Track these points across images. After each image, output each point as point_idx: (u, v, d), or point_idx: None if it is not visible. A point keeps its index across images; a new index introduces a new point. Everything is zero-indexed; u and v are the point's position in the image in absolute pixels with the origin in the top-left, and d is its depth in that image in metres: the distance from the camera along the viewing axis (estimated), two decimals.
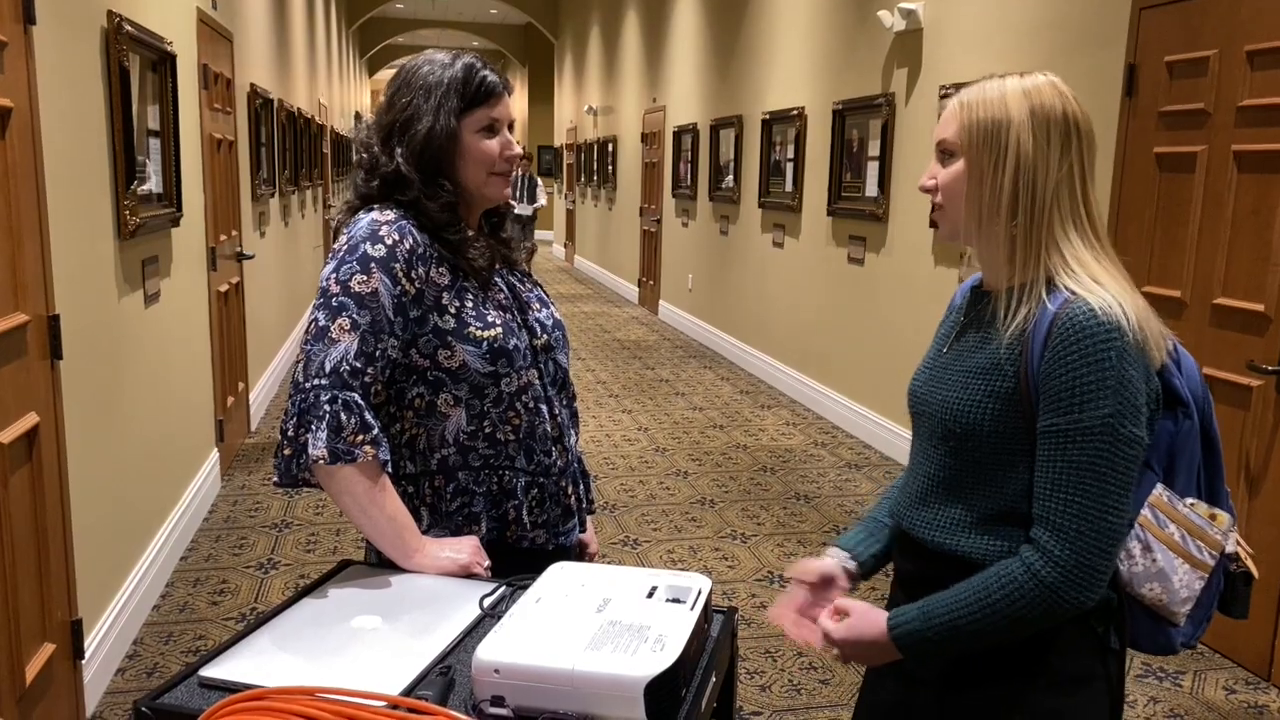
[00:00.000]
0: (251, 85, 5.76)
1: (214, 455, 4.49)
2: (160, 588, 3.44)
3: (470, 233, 1.57)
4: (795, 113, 6.52)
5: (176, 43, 3.80)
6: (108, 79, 2.99)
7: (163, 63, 3.60)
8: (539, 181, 11.60)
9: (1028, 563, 1.20)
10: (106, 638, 2.83)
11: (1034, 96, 1.24)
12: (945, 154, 1.29)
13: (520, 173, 11.08)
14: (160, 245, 3.61)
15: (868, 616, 1.30)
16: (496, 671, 1.05)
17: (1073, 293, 1.20)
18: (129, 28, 3.08)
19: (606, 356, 8.06)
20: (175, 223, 3.73)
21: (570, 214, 16.01)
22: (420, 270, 1.49)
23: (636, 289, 11.36)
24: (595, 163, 13.73)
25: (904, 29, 5.03)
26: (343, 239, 1.50)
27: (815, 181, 6.30)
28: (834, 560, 1.46)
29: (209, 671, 1.13)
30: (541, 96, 19.52)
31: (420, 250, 1.49)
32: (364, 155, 1.56)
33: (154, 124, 3.53)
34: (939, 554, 1.31)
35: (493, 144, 1.55)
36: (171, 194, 3.69)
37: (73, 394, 2.60)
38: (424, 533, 1.53)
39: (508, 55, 21.03)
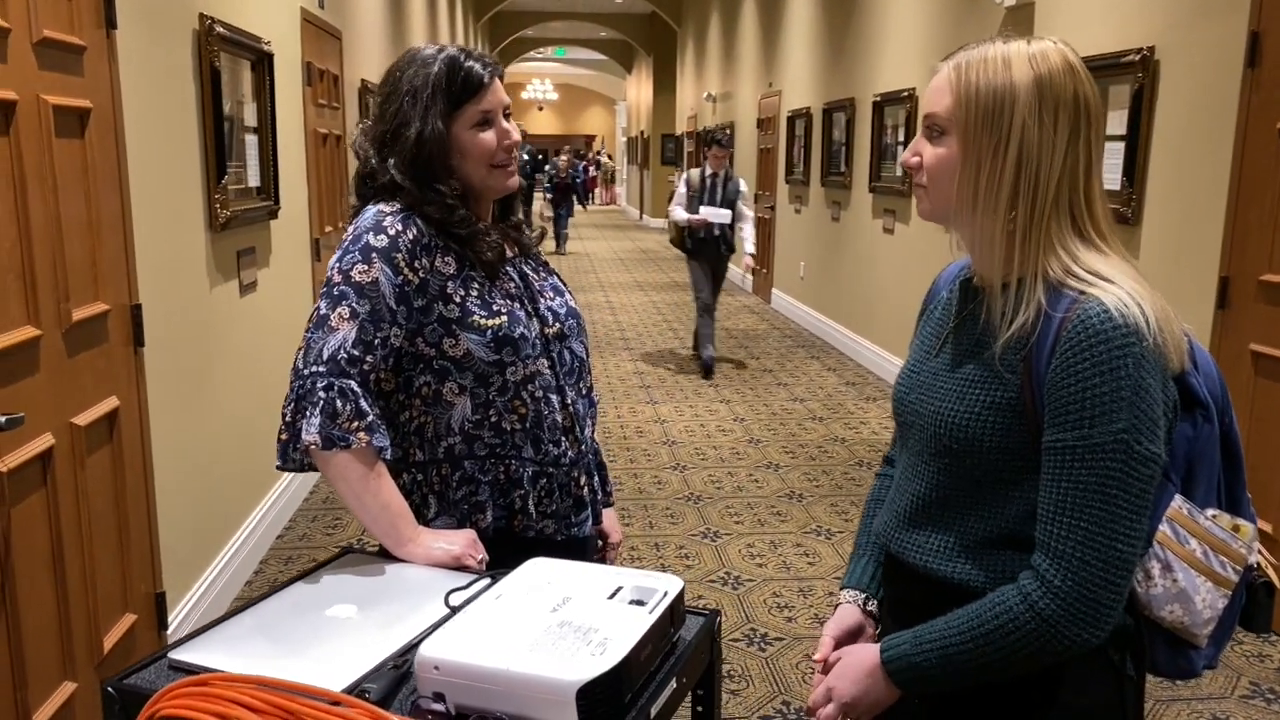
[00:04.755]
0: (362, 81, 5.95)
1: None
2: (254, 564, 3.60)
3: (482, 225, 1.57)
4: (905, 94, 6.28)
5: (277, 41, 3.94)
6: (199, 79, 3.13)
7: (260, 62, 3.74)
8: (742, 184, 6.80)
9: (1025, 592, 1.08)
10: (194, 611, 2.98)
11: (1041, 71, 1.08)
12: (934, 130, 1.15)
13: (709, 170, 6.68)
14: (257, 236, 3.76)
15: (857, 652, 1.21)
16: (436, 668, 1.04)
17: (1081, 291, 1.07)
18: (220, 29, 3.21)
19: None
20: (273, 215, 3.89)
21: None
22: (424, 260, 1.49)
23: (750, 277, 11.21)
24: None
25: (1014, 4, 4.77)
26: (349, 230, 1.52)
27: None
28: (853, 607, 1.34)
29: (179, 655, 1.16)
30: (665, 85, 19.51)
31: (425, 240, 1.50)
32: (361, 163, 1.58)
33: (251, 121, 3.68)
34: (931, 579, 1.19)
35: (489, 136, 1.53)
36: (270, 187, 3.85)
37: (159, 379, 2.73)
38: (432, 520, 1.54)
39: (633, 44, 21.10)
